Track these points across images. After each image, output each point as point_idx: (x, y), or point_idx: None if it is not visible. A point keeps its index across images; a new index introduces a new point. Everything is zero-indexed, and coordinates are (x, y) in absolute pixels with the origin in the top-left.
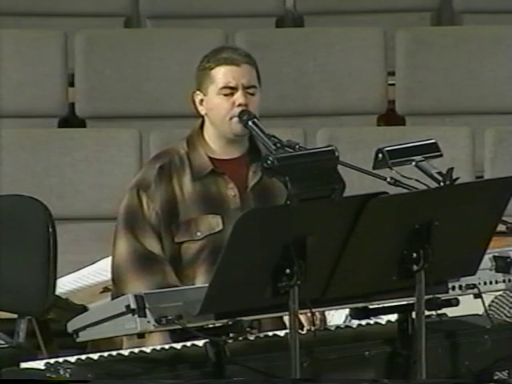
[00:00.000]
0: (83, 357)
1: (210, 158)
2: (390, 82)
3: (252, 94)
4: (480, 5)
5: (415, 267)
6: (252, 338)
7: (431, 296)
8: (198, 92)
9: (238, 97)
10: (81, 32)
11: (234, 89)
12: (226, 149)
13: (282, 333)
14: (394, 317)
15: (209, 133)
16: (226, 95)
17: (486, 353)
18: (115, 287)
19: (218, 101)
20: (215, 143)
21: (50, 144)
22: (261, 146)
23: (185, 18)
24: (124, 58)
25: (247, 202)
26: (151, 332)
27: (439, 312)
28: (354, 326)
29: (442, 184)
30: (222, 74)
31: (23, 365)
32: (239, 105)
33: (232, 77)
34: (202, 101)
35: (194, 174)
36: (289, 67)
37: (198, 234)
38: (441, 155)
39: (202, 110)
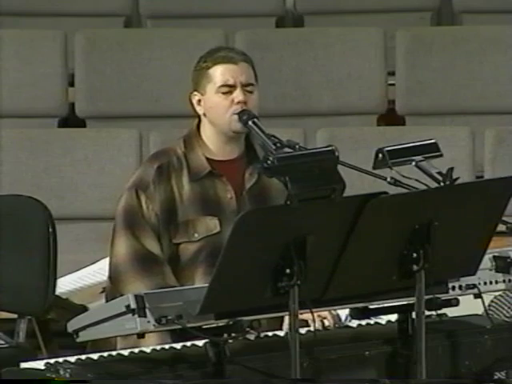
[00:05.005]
0: (83, 357)
1: (208, 159)
2: (390, 82)
3: (250, 92)
4: (480, 5)
5: (415, 267)
6: (252, 337)
7: (431, 296)
8: (195, 92)
9: (237, 94)
10: (81, 32)
11: (232, 87)
12: (223, 149)
13: (281, 333)
14: (394, 317)
15: (206, 133)
16: (224, 93)
17: (486, 353)
18: (113, 287)
19: (217, 99)
20: (213, 143)
21: (50, 144)
22: (257, 146)
23: (185, 18)
24: (124, 58)
25: (243, 204)
26: (150, 332)
27: (439, 312)
28: (354, 325)
29: (442, 184)
30: (219, 73)
31: (23, 365)
32: (238, 102)
33: (230, 75)
34: (199, 101)
35: (192, 175)
36: (289, 67)
37: (196, 235)
38: (441, 155)
39: (200, 109)
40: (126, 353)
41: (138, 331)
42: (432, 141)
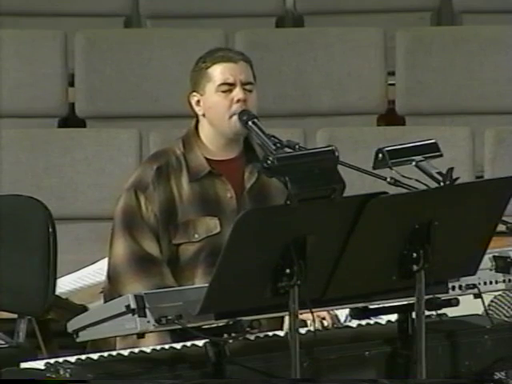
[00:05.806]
0: (83, 357)
1: (207, 159)
2: (390, 82)
3: (249, 91)
4: (480, 5)
5: (415, 267)
6: (252, 337)
7: (431, 296)
8: (194, 93)
9: (237, 93)
10: (81, 32)
11: (232, 85)
12: (222, 149)
13: (281, 333)
14: (394, 317)
15: (205, 133)
16: (224, 92)
17: (486, 353)
18: (112, 288)
19: (217, 98)
20: (212, 144)
21: (50, 144)
22: (256, 146)
23: (185, 18)
24: (124, 58)
25: (244, 203)
26: (150, 332)
27: (439, 312)
28: (354, 325)
29: (441, 184)
30: (219, 71)
31: (23, 365)
32: (238, 100)
33: (230, 73)
34: (198, 101)
35: (192, 175)
36: (289, 67)
37: (196, 235)
38: (441, 155)
39: (199, 110)
40: (125, 353)
41: (137, 331)
42: (432, 141)
